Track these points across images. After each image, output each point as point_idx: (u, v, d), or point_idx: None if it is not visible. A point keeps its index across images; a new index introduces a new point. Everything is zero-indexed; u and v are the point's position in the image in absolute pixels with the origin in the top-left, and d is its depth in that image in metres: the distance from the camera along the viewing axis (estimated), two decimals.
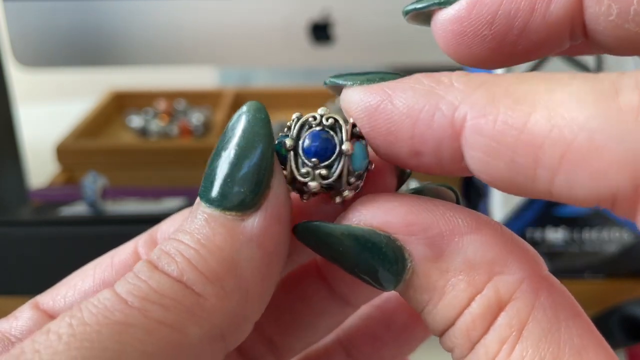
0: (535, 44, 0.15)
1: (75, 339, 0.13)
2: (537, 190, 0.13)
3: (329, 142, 0.16)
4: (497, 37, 0.15)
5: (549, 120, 0.12)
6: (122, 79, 0.83)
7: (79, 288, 0.18)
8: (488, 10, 0.15)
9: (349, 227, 0.15)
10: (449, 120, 0.14)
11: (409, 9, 0.17)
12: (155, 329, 0.13)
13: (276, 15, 0.54)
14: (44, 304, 0.18)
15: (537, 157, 0.12)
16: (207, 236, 0.15)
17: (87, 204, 0.50)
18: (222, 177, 0.15)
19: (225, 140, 0.16)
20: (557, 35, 0.15)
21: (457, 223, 0.15)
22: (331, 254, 0.16)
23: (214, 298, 0.14)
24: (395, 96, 0.14)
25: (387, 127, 0.15)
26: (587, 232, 0.44)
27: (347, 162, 0.16)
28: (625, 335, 0.40)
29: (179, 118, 0.70)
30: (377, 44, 0.55)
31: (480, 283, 0.14)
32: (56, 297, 0.18)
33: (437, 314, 0.15)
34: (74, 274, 0.19)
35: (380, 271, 0.15)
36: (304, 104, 0.74)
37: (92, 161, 0.61)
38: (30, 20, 0.54)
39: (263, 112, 0.16)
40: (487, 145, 0.13)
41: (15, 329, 0.17)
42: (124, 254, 0.18)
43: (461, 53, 0.16)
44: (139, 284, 0.14)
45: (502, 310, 0.14)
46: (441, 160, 0.14)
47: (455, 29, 0.16)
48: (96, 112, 0.71)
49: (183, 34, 0.55)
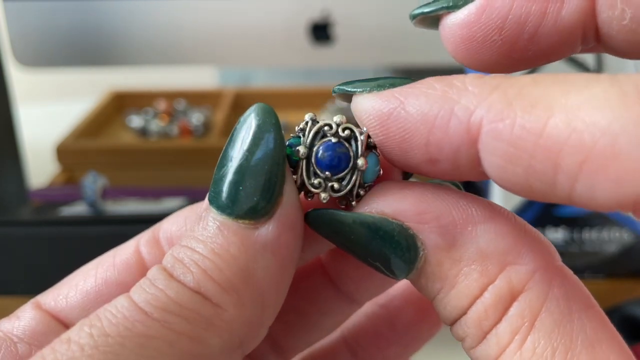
0: (547, 49, 0.15)
1: (98, 351, 0.13)
2: (557, 196, 0.12)
3: (343, 156, 0.16)
4: (507, 42, 0.15)
5: (568, 125, 0.12)
6: (122, 79, 0.83)
7: (81, 288, 0.18)
8: (498, 15, 0.15)
9: (361, 215, 0.15)
10: (465, 125, 0.13)
11: (416, 13, 0.16)
12: (176, 340, 0.13)
13: (276, 16, 0.54)
14: (46, 304, 0.18)
15: (556, 163, 0.12)
16: (221, 245, 0.15)
17: (87, 204, 0.50)
18: (233, 184, 0.15)
19: (234, 144, 0.15)
20: (569, 40, 0.15)
21: (471, 212, 0.14)
22: (343, 241, 0.16)
23: (232, 308, 0.14)
24: (407, 103, 0.14)
25: (401, 134, 0.14)
26: (587, 232, 0.44)
27: (360, 176, 0.16)
28: (625, 335, 0.40)
29: (179, 118, 0.70)
30: (377, 44, 0.55)
31: (493, 273, 0.14)
32: (58, 297, 0.18)
33: (448, 302, 0.15)
34: (75, 273, 0.18)
35: (392, 259, 0.15)
36: (304, 104, 0.74)
37: (92, 161, 0.61)
38: (30, 20, 0.54)
39: (273, 115, 0.16)
40: (505, 151, 0.13)
41: (18, 329, 0.17)
42: (125, 254, 0.18)
43: (470, 58, 0.16)
44: (157, 293, 0.14)
45: (515, 300, 0.14)
46: (458, 167, 0.14)
47: (465, 34, 0.15)
48: (96, 112, 0.71)
49: (183, 34, 0.55)
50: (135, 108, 0.73)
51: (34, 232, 0.38)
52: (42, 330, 0.17)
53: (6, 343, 0.17)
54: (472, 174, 0.14)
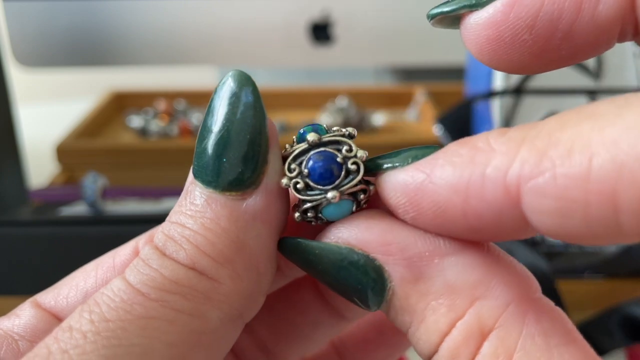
0: (581, 47, 0.14)
1: (100, 337, 0.13)
2: (628, 236, 0.11)
3: (332, 169, 0.15)
4: (538, 42, 0.14)
5: (614, 161, 0.11)
6: (122, 79, 0.83)
7: (82, 288, 0.18)
8: (528, 13, 0.14)
9: (327, 245, 0.15)
10: (502, 187, 0.12)
11: (435, 13, 0.15)
12: (176, 319, 0.13)
13: (276, 16, 0.54)
14: (45, 303, 0.18)
15: (615, 204, 0.11)
16: (211, 219, 0.15)
17: (87, 204, 0.50)
18: (215, 157, 0.15)
19: (212, 114, 0.15)
20: (606, 37, 0.14)
21: (438, 243, 0.14)
22: (314, 272, 0.15)
23: (228, 281, 0.14)
24: (434, 175, 0.13)
25: (433, 210, 0.13)
26: None
27: (325, 204, 0.15)
28: (625, 335, 0.40)
29: (179, 118, 0.70)
30: (377, 44, 0.55)
31: (461, 308, 0.13)
32: (58, 297, 0.18)
33: (420, 337, 0.14)
34: (74, 273, 0.18)
35: (361, 290, 0.14)
36: (304, 104, 0.74)
37: (92, 161, 0.61)
38: (30, 20, 0.54)
39: (250, 81, 0.15)
40: (554, 207, 0.11)
41: (18, 327, 0.17)
42: (125, 255, 0.18)
43: (497, 60, 0.15)
44: (152, 273, 0.14)
45: (486, 338, 0.13)
46: (505, 230, 0.13)
47: (491, 34, 0.14)
48: (96, 112, 0.71)
49: (183, 34, 0.55)
50: (135, 108, 0.73)
51: (34, 232, 0.38)
52: (44, 328, 0.17)
53: (7, 340, 0.16)
54: (524, 233, 0.13)
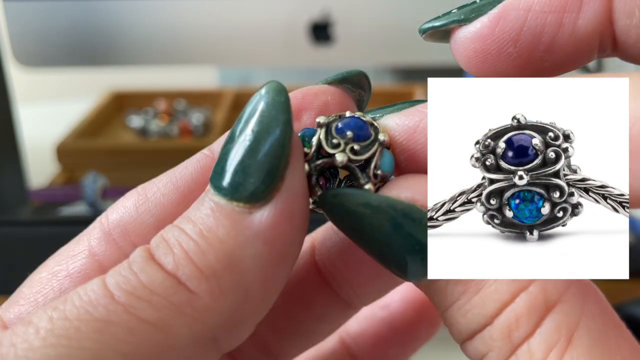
0: (563, 59, 0.15)
1: (52, 334, 0.12)
2: None
3: (365, 127, 0.15)
4: (522, 55, 0.15)
5: None
6: (122, 79, 0.82)
7: (41, 304, 0.16)
8: (513, 27, 0.14)
9: (389, 198, 0.14)
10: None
11: (426, 28, 0.16)
12: (137, 328, 0.12)
13: (276, 15, 0.54)
14: (10, 322, 0.16)
15: None
16: (209, 227, 0.14)
17: (87, 204, 0.50)
18: (233, 164, 0.14)
19: (241, 123, 0.14)
20: (585, 50, 0.15)
21: None
22: (361, 229, 0.14)
23: (207, 296, 0.13)
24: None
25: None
26: None
27: (379, 155, 0.15)
28: None
29: (179, 118, 0.70)
30: (377, 44, 0.55)
31: (524, 280, 0.13)
32: (21, 314, 0.16)
33: (470, 309, 0.13)
34: (29, 284, 0.17)
35: (409, 256, 0.14)
36: None
37: (92, 161, 0.61)
38: (30, 20, 0.54)
39: (283, 94, 0.15)
40: None
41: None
42: (79, 262, 0.17)
43: (485, 71, 0.15)
44: (129, 276, 0.13)
45: (550, 311, 0.12)
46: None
47: (478, 48, 0.15)
48: (96, 112, 0.71)
49: (183, 34, 0.55)
50: (135, 108, 0.73)
51: (34, 232, 0.38)
52: None
53: None
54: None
